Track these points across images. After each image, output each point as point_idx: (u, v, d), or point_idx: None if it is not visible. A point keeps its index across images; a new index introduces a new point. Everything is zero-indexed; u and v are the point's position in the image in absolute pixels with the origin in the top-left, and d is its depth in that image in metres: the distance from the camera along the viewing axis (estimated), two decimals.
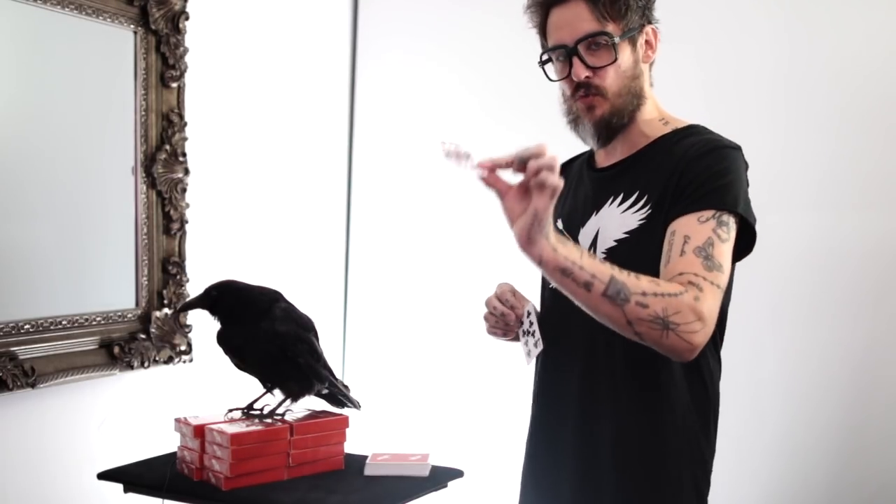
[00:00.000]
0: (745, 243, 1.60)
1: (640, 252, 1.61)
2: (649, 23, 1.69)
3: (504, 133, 2.97)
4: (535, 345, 1.73)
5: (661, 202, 1.61)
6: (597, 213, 1.70)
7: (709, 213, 1.54)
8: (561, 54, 1.66)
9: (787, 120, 2.60)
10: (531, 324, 1.73)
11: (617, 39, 1.62)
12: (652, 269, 1.56)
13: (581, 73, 1.64)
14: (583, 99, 1.66)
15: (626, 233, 1.64)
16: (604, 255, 1.65)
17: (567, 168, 1.86)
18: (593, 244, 1.68)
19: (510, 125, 2.93)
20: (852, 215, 2.52)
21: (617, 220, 1.66)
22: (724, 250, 1.53)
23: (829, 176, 2.55)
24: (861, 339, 2.50)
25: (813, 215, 2.54)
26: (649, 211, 1.63)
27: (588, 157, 1.81)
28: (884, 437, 2.47)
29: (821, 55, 2.57)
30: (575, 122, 1.70)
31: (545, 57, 1.70)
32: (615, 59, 1.63)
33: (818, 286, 2.54)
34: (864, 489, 2.49)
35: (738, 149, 1.64)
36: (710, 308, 1.48)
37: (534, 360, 1.77)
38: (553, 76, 1.71)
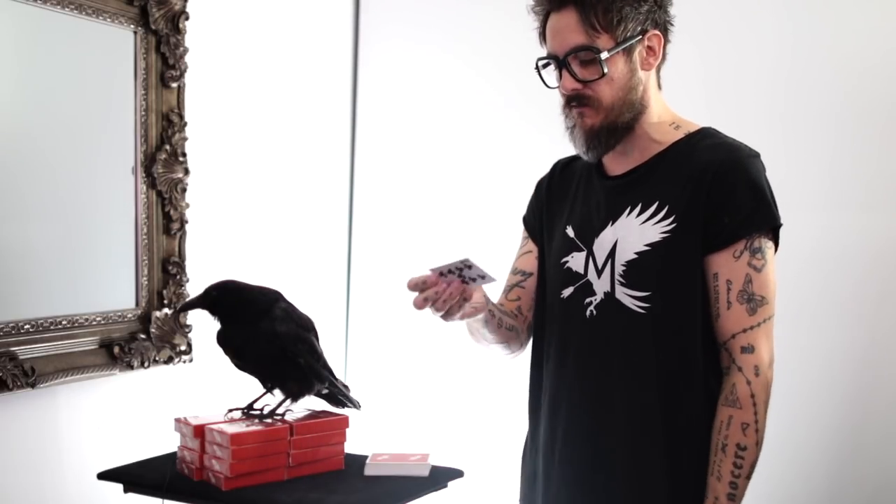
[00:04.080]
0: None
1: (663, 266, 1.61)
2: (656, 26, 1.64)
3: (512, 124, 2.96)
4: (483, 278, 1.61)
5: (687, 218, 1.60)
6: (613, 223, 1.66)
7: (741, 246, 1.58)
8: (553, 65, 1.65)
9: (790, 119, 2.59)
10: (469, 268, 1.61)
11: (605, 55, 1.59)
12: (674, 282, 1.60)
13: (569, 85, 1.63)
14: (575, 108, 1.64)
15: (647, 245, 1.62)
16: (624, 268, 1.63)
17: (567, 168, 1.84)
18: (611, 255, 1.65)
19: (521, 114, 2.91)
20: (857, 215, 2.51)
21: (636, 231, 1.63)
22: (763, 279, 1.59)
23: (833, 176, 2.54)
24: (863, 339, 2.50)
25: (817, 215, 2.52)
26: (673, 225, 1.60)
27: (595, 162, 1.76)
28: (885, 437, 2.47)
29: (824, 53, 2.55)
30: (572, 130, 1.67)
31: (542, 63, 1.67)
32: (603, 74, 1.60)
33: (821, 286, 2.53)
34: (864, 489, 2.49)
35: (757, 156, 1.63)
36: (765, 349, 1.58)
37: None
38: (549, 82, 1.68)
